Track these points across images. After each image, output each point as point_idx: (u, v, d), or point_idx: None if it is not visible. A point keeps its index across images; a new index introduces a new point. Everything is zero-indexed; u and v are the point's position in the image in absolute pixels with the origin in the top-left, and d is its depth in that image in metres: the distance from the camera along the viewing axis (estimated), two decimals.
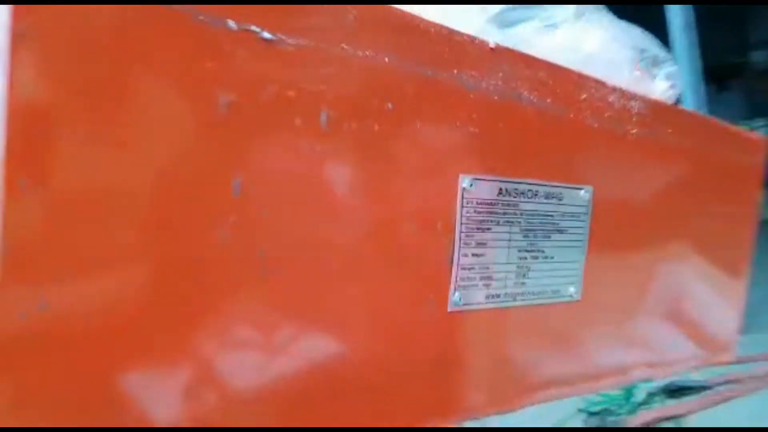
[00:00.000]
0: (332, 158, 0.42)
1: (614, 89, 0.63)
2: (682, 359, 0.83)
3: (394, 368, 0.48)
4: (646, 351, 0.75)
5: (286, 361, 0.41)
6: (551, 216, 0.58)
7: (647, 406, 3.82)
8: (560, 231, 0.59)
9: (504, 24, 0.71)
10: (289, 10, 0.39)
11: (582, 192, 0.61)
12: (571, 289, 0.61)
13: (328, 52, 0.41)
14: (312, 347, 0.42)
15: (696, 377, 3.46)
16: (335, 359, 0.43)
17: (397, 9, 0.45)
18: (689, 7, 3.83)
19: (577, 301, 0.62)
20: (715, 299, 0.88)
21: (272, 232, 0.39)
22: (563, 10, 0.71)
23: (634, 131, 0.65)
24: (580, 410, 3.88)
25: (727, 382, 3.62)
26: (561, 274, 0.60)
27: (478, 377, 0.54)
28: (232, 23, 0.36)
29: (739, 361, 3.44)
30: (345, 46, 0.41)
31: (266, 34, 0.38)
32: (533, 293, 0.58)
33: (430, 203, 0.49)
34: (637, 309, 0.72)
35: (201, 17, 0.35)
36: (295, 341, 0.41)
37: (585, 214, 0.61)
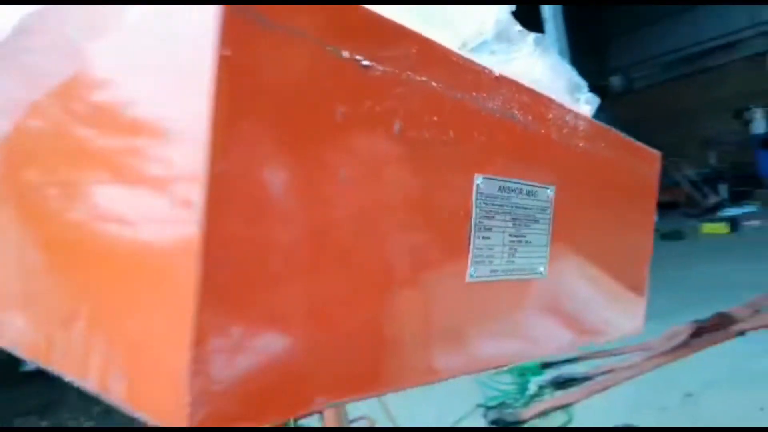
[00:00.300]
0: (400, 159, 0.54)
1: (569, 110, 0.80)
2: (607, 331, 1.02)
3: (429, 325, 0.60)
4: (587, 322, 0.93)
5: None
6: (529, 209, 0.74)
7: (539, 398, 4.18)
8: (535, 221, 0.75)
9: (474, 52, 0.87)
10: (378, 41, 0.51)
11: (548, 191, 0.77)
12: (541, 268, 0.77)
13: (400, 77, 0.53)
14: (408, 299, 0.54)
15: (579, 369, 3.83)
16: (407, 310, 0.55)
17: (440, 45, 0.58)
18: (563, 35, 4.31)
19: (545, 278, 0.78)
20: (628, 285, 1.09)
21: (367, 210, 0.51)
22: (521, 45, 0.87)
23: (581, 144, 0.83)
24: (479, 405, 4.15)
25: (604, 372, 4.06)
26: (535, 256, 0.76)
27: (483, 336, 0.68)
28: (345, 53, 0.48)
29: (612, 354, 3.85)
30: (410, 73, 0.54)
31: (365, 62, 0.49)
32: (518, 270, 0.73)
33: (457, 196, 0.62)
34: (579, 287, 0.89)
35: (329, 48, 0.46)
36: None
37: (549, 208, 0.78)
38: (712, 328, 4.99)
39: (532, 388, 4.56)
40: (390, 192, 0.54)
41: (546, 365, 4.85)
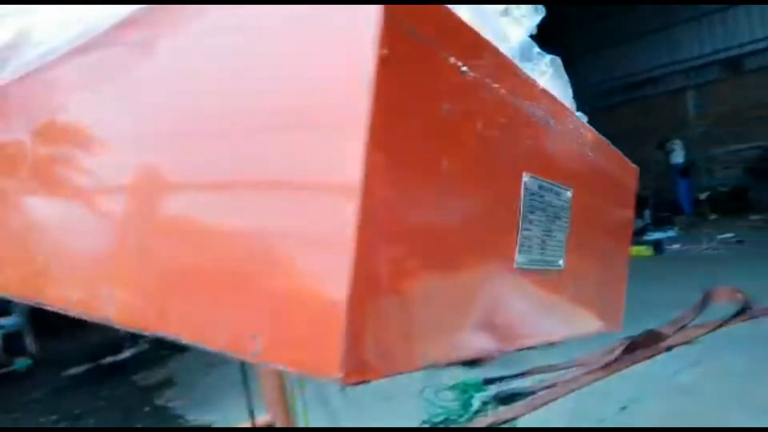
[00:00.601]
0: (479, 154, 0.62)
1: (583, 123, 0.91)
2: (600, 324, 1.13)
3: (497, 302, 0.68)
4: (589, 313, 1.03)
5: None
6: (556, 207, 0.83)
7: (483, 413, 4.32)
8: (558, 218, 0.85)
9: None
10: (471, 51, 0.59)
11: (569, 192, 0.87)
12: (560, 261, 0.87)
13: (482, 82, 0.61)
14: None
15: (522, 385, 3.99)
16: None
17: (508, 57, 0.67)
18: None
19: (563, 269, 0.88)
20: (615, 285, 1.21)
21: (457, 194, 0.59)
22: (540, 65, 0.98)
23: (590, 154, 0.94)
24: (424, 421, 4.22)
25: (545, 387, 4.26)
26: (558, 250, 0.85)
27: (523, 316, 0.77)
28: (452, 58, 0.55)
29: (552, 369, 4.06)
30: (488, 80, 0.63)
31: (464, 68, 0.57)
32: (546, 261, 0.82)
33: (512, 190, 0.71)
34: (585, 282, 1.00)
35: (443, 53, 0.54)
36: None
37: (569, 208, 0.88)
38: (642, 345, 5.27)
39: (476, 404, 4.68)
40: (472, 183, 0.62)
41: (488, 381, 4.99)
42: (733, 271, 6.70)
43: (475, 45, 0.60)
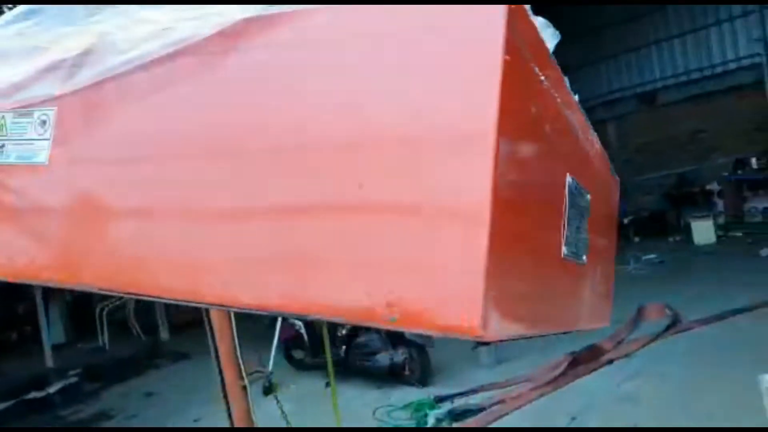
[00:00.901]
0: (544, 154, 0.71)
1: (594, 135, 1.02)
2: (598, 320, 1.24)
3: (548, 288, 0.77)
4: (595, 308, 1.14)
5: None
6: (582, 207, 0.93)
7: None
8: (583, 217, 0.95)
9: None
10: (545, 63, 0.68)
11: (588, 196, 0.98)
12: (584, 257, 0.97)
13: (549, 91, 0.71)
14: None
15: (474, 401, 4.10)
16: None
17: (560, 70, 0.77)
18: None
19: (585, 264, 0.98)
20: (608, 285, 1.33)
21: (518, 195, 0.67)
22: None
23: (596, 163, 1.06)
24: None
25: (496, 402, 4.40)
26: (583, 246, 0.95)
27: (567, 303, 0.86)
28: (536, 68, 0.64)
29: (501, 386, 4.17)
30: (553, 90, 0.72)
31: (542, 77, 0.66)
32: (577, 255, 0.92)
33: (561, 188, 0.80)
34: (597, 278, 1.10)
35: (531, 64, 0.63)
36: None
37: (588, 209, 0.98)
38: (585, 359, 5.53)
39: (431, 421, 4.76)
40: (545, 179, 0.70)
41: (440, 399, 5.08)
42: (659, 288, 7.15)
43: (546, 55, 0.69)
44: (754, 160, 10.38)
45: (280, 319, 5.90)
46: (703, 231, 9.92)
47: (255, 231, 0.63)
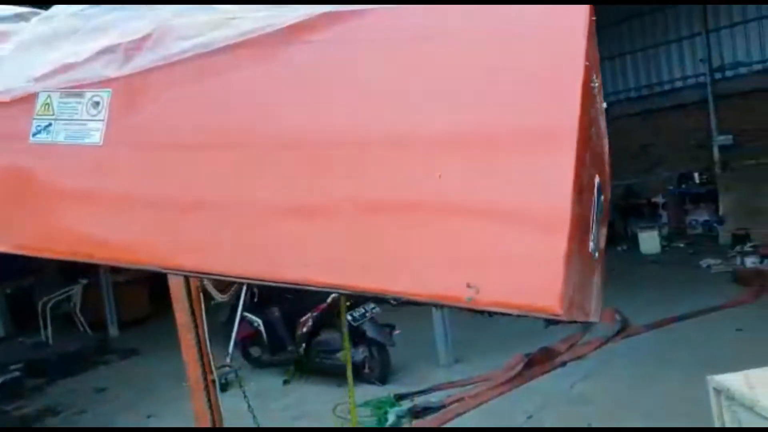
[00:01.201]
0: (591, 154, 0.78)
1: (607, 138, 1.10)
2: (597, 314, 1.32)
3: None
4: (598, 302, 1.21)
5: None
6: (601, 206, 1.01)
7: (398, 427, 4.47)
8: (600, 215, 1.02)
9: None
10: (596, 66, 0.74)
11: (602, 196, 1.05)
12: (597, 254, 1.04)
13: (593, 98, 0.77)
14: None
15: (434, 399, 4.25)
16: None
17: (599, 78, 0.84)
18: None
19: (597, 260, 1.05)
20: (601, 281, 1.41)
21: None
22: None
23: (607, 165, 1.14)
24: None
25: (455, 401, 4.56)
26: (598, 242, 1.03)
27: (591, 296, 0.93)
28: (595, 79, 0.71)
29: (459, 385, 4.35)
30: (598, 96, 0.79)
31: (595, 85, 0.73)
32: (595, 250, 0.99)
33: (592, 188, 0.87)
34: (599, 274, 1.18)
35: (591, 69, 0.69)
36: None
37: (602, 209, 1.06)
38: (539, 361, 5.71)
39: (391, 418, 4.82)
40: (585, 179, 0.77)
41: (400, 397, 5.16)
42: (609, 294, 7.43)
43: (597, 60, 0.76)
44: (696, 175, 10.93)
45: (238, 317, 5.84)
46: (649, 241, 10.37)
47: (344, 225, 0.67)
